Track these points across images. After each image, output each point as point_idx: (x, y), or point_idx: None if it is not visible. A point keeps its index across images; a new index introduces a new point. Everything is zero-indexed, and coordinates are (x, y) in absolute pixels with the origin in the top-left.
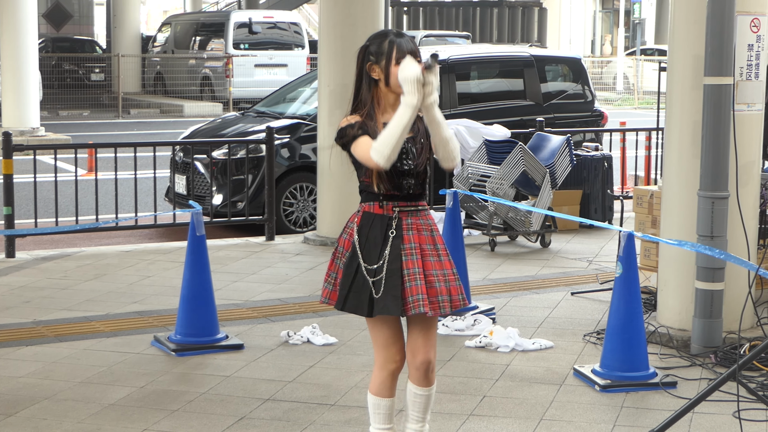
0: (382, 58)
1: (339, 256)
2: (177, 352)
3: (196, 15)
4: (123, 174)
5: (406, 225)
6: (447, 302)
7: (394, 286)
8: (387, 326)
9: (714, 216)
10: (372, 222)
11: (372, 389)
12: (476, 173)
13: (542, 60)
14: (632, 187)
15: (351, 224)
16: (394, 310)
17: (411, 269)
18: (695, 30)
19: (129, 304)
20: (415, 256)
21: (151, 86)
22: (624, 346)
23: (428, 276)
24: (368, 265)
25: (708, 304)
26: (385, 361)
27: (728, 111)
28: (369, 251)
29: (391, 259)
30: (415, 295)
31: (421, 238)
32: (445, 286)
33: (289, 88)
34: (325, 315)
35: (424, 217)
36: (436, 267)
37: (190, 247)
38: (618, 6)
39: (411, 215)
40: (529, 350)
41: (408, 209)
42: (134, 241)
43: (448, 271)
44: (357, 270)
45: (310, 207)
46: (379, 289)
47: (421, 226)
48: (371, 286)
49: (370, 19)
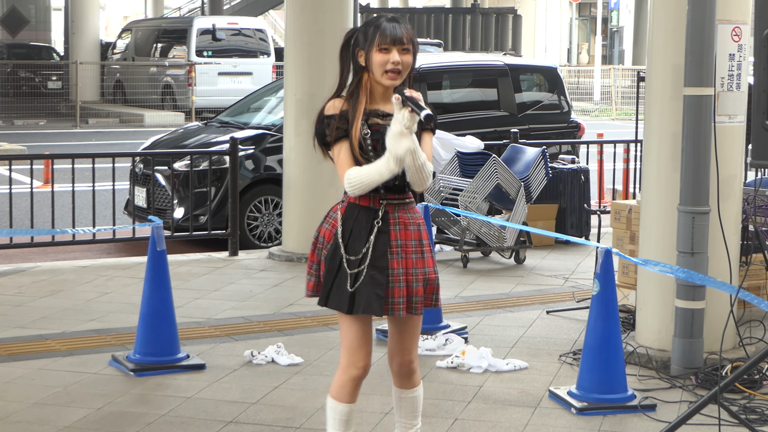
0: (366, 44)
1: (320, 247)
2: (136, 372)
3: (157, 21)
4: (80, 186)
5: (393, 219)
6: (421, 303)
7: (379, 284)
8: (358, 326)
9: (694, 231)
10: (357, 214)
11: (332, 392)
12: (448, 186)
13: (517, 69)
14: (610, 202)
15: (334, 214)
16: (376, 309)
17: (396, 269)
18: (674, 38)
19: (86, 322)
20: (401, 255)
21: (111, 95)
22: (601, 367)
23: (408, 275)
24: (350, 256)
25: (688, 323)
26: (348, 365)
27: (709, 123)
28: (353, 243)
29: (377, 255)
30: (396, 297)
31: (407, 233)
32: (422, 285)
33: (254, 98)
34: (291, 334)
35: (411, 211)
36: (417, 265)
37: (150, 262)
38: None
39: (398, 208)
40: (502, 371)
41: (395, 202)
42: (92, 256)
43: (429, 269)
44: (340, 264)
45: (276, 221)
46: (354, 283)
47: (408, 220)
48: (348, 279)
49: (339, 25)
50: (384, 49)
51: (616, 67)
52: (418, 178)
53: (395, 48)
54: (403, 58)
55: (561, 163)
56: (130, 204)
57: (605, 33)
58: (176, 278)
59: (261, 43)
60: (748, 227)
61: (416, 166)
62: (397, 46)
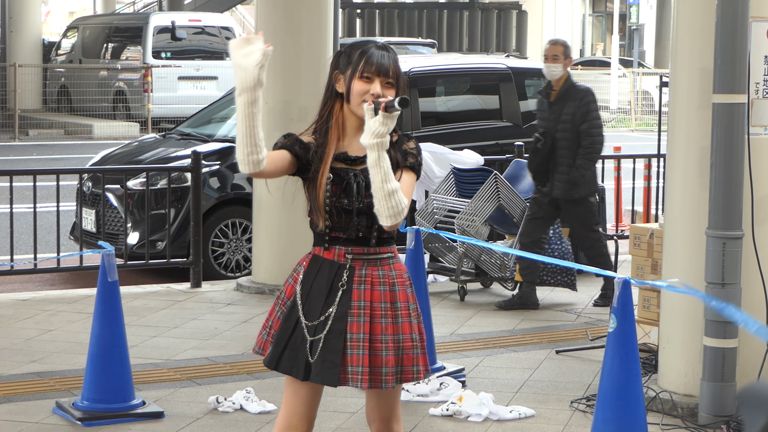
0: (348, 68)
1: (280, 303)
2: (84, 422)
3: (108, 17)
4: (20, 207)
5: (358, 277)
6: (392, 374)
7: (334, 350)
8: (306, 392)
9: (726, 259)
10: (319, 268)
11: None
12: (443, 208)
13: (521, 73)
14: (629, 225)
15: (299, 268)
16: (330, 380)
17: (355, 333)
18: (702, 38)
19: (26, 364)
20: (363, 318)
21: (55, 102)
22: (619, 415)
23: (374, 342)
24: (308, 321)
25: (719, 364)
26: (287, 427)
27: (742, 135)
28: (312, 303)
29: (336, 317)
30: (354, 366)
31: (374, 294)
32: (393, 354)
33: (219, 106)
34: (262, 377)
35: (385, 268)
36: (387, 331)
37: (101, 295)
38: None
39: (368, 265)
40: (505, 419)
41: (364, 257)
42: (32, 288)
43: (406, 335)
44: (296, 324)
45: (245, 248)
46: (315, 352)
47: (377, 279)
48: (307, 347)
49: (317, 23)
50: (366, 77)
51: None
52: (387, 208)
53: (379, 79)
54: (385, 92)
55: None
56: (76, 228)
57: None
58: (130, 313)
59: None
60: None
61: (385, 190)
62: (381, 78)
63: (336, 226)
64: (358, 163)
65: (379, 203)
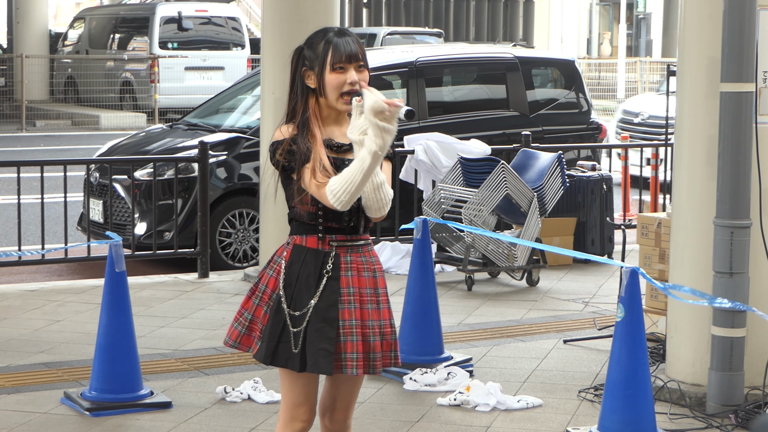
0: (316, 63)
1: (259, 294)
2: (92, 412)
3: (115, 8)
4: (27, 198)
5: (344, 264)
6: (379, 360)
7: (328, 338)
8: (303, 382)
9: (733, 249)
10: (304, 258)
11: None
12: (450, 198)
13: (529, 62)
14: (636, 214)
15: (279, 259)
16: (326, 368)
17: (348, 320)
18: (710, 27)
19: (34, 354)
20: (354, 305)
21: (62, 93)
22: (627, 404)
23: (364, 328)
24: (293, 311)
25: (727, 354)
26: (291, 419)
27: (750, 124)
28: (299, 294)
29: (326, 306)
30: (349, 353)
31: (360, 280)
32: (379, 340)
33: (226, 96)
34: (270, 367)
35: (366, 254)
36: (373, 317)
37: (108, 285)
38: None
39: (351, 251)
40: (513, 409)
41: (347, 244)
42: (40, 279)
43: (385, 321)
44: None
45: (252, 238)
46: (298, 343)
47: (361, 265)
48: (291, 338)
49: (323, 13)
50: (339, 68)
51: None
52: (375, 201)
53: (351, 66)
54: (360, 76)
55: (580, 170)
56: (84, 219)
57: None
58: (138, 304)
59: (234, 33)
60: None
61: (374, 183)
62: (353, 64)
63: (329, 215)
64: (344, 150)
65: (367, 196)
